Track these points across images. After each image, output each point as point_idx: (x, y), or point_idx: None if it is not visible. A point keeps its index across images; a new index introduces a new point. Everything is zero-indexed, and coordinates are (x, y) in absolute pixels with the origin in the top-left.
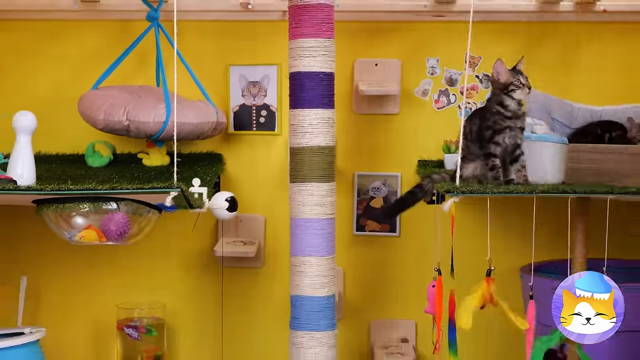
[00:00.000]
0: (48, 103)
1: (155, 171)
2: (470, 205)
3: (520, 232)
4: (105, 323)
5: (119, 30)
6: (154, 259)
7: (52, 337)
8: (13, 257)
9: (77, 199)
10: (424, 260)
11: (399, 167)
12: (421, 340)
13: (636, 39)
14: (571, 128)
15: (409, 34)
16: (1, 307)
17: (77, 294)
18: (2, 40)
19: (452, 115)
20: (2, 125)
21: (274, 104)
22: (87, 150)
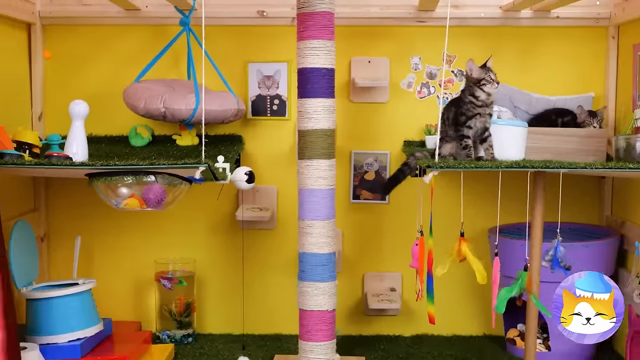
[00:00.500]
0: (98, 93)
1: (187, 150)
2: (447, 178)
3: (488, 201)
4: (145, 275)
5: (156, 34)
6: (185, 222)
7: (102, 287)
8: (69, 221)
9: (122, 172)
10: (409, 224)
11: (388, 146)
12: (406, 289)
13: (584, 40)
14: (530, 114)
15: (396, 36)
16: (59, 262)
17: (122, 251)
18: (63, 42)
19: (432, 104)
20: (60, 111)
21: (284, 94)
22: (130, 133)
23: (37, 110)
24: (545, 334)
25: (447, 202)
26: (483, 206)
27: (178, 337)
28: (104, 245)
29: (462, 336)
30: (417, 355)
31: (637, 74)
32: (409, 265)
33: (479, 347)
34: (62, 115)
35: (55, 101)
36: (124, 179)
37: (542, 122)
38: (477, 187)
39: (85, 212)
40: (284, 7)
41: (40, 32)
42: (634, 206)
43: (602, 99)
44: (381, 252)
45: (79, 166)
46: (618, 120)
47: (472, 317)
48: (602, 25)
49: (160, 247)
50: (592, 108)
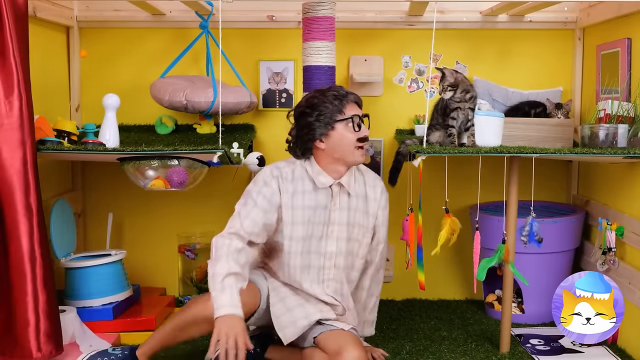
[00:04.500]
0: (128, 88)
1: (206, 137)
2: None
3: (470, 182)
4: (169, 247)
5: (178, 36)
6: (204, 200)
7: (131, 257)
8: (103, 199)
9: (149, 157)
10: (400, 202)
11: (382, 134)
12: (398, 260)
13: (553, 41)
14: (507, 106)
15: (389, 37)
16: (94, 236)
17: (149, 226)
18: (97, 43)
19: (420, 97)
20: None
21: (291, 89)
22: (156, 122)
23: (74, 102)
24: (520, 298)
25: (434, 182)
26: (465, 186)
27: None
28: (133, 220)
29: (446, 300)
30: (407, 317)
31: (600, 71)
32: (400, 238)
33: (462, 309)
34: (96, 107)
35: (91, 94)
36: (150, 162)
37: (517, 113)
38: (460, 170)
39: (116, 192)
40: (290, 12)
41: (77, 34)
42: (597, 186)
43: (570, 92)
44: None
45: (111, 152)
46: (583, 112)
47: (456, 284)
48: (570, 29)
49: (182, 222)
50: (561, 101)
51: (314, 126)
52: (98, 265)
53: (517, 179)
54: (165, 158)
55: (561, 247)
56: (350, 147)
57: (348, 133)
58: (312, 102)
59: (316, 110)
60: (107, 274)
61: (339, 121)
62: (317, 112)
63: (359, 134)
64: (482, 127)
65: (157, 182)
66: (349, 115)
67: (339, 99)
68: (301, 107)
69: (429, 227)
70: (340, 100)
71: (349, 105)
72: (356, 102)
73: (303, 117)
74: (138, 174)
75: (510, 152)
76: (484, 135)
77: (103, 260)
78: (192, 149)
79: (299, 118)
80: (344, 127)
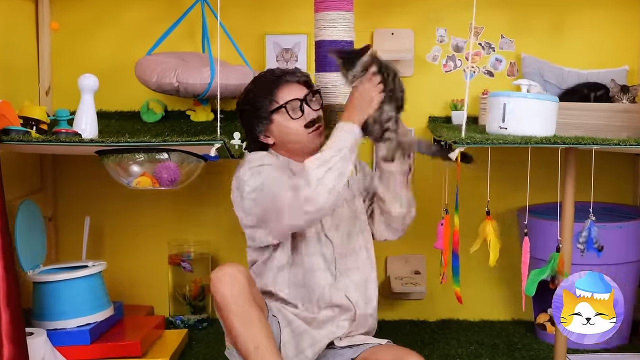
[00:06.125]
0: (109, 67)
1: (201, 126)
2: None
3: (517, 179)
4: (157, 257)
5: (169, 4)
6: (199, 202)
7: (112, 270)
8: (78, 200)
9: (133, 150)
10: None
11: (412, 123)
12: (431, 272)
13: (618, 10)
14: (561, 89)
15: (421, 6)
16: (68, 244)
17: (133, 232)
18: (71, 13)
19: (458, 78)
20: (69, 86)
21: (304, 68)
22: (142, 108)
23: (44, 84)
24: None
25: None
26: (511, 185)
27: (192, 322)
28: (115, 226)
29: (489, 321)
30: (443, 340)
31: None
32: (433, 246)
33: (507, 332)
34: (70, 89)
35: (64, 75)
36: (135, 156)
37: (573, 97)
38: (505, 165)
39: (94, 192)
40: None
41: (48, 3)
42: None
43: (638, 72)
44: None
45: (88, 143)
46: None
47: (500, 301)
48: None
49: (173, 227)
50: (627, 82)
51: (252, 123)
52: (72, 279)
53: (574, 176)
54: (153, 151)
55: (626, 257)
56: (300, 136)
57: (289, 123)
58: (246, 95)
59: (249, 105)
60: (83, 290)
61: (273, 112)
62: (250, 106)
63: (303, 119)
64: (532, 113)
65: (144, 180)
66: (282, 102)
67: (269, 86)
68: (239, 102)
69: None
70: (270, 87)
71: (284, 89)
72: (298, 81)
73: (241, 115)
74: (120, 170)
75: (565, 143)
76: (534, 123)
77: (78, 273)
78: (185, 140)
79: (240, 116)
80: (282, 118)
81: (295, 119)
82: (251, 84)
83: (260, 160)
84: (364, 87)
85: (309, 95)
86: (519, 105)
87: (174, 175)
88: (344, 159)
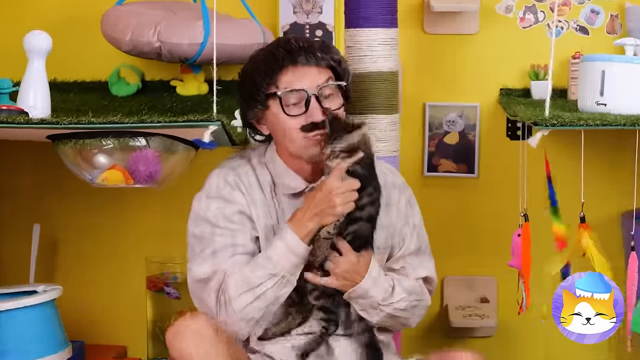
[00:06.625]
0: (65, 21)
1: (191, 101)
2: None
3: (622, 172)
4: (131, 279)
5: None
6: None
7: (70, 296)
8: (24, 202)
9: (99, 133)
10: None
11: (478, 97)
12: (504, 300)
13: None
14: None
15: None
16: (10, 261)
17: (100, 245)
18: None
19: (540, 36)
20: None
21: (330, 23)
22: (111, 77)
23: None
24: None
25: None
26: (613, 182)
27: None
28: (74, 237)
29: None
30: None
31: None
32: (508, 264)
33: None
34: (13, 52)
35: (4, 34)
36: (102, 142)
37: None
38: (605, 155)
39: (46, 191)
40: None
41: None
42: None
43: None
44: (468, 246)
45: (37, 125)
46: None
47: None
48: None
49: (153, 239)
50: None
51: (245, 102)
52: (15, 309)
53: None
54: (126, 135)
55: None
56: (293, 138)
57: (283, 118)
58: (249, 64)
59: (246, 80)
60: (31, 323)
61: (269, 97)
62: (246, 81)
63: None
64: (634, 83)
65: (113, 175)
66: (282, 89)
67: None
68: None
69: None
70: (272, 65)
71: (290, 71)
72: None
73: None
74: (81, 162)
75: None
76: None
77: (24, 301)
78: (170, 121)
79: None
80: (277, 109)
81: (292, 115)
82: (258, 53)
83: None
84: (333, 184)
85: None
86: (622, 73)
87: (154, 168)
88: (280, 285)
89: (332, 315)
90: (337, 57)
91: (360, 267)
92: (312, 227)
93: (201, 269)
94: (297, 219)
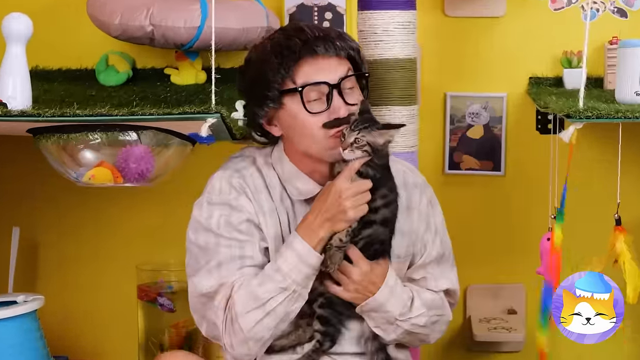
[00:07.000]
0: (47, 3)
1: (187, 91)
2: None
3: None
4: (121, 289)
5: None
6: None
7: (52, 307)
8: (2, 203)
9: (85, 127)
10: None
11: (505, 86)
12: (533, 311)
13: None
14: None
15: None
16: None
17: (85, 250)
18: None
19: (573, 19)
20: None
21: (341, 4)
22: (98, 65)
23: None
24: None
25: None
26: None
27: None
28: (57, 241)
29: None
30: None
31: None
32: (536, 271)
33: None
34: None
35: None
36: (88, 137)
37: None
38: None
39: (26, 191)
40: None
41: None
42: None
43: None
44: (493, 251)
45: (17, 117)
46: None
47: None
48: None
49: (145, 245)
50: None
51: (254, 100)
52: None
53: None
54: (115, 129)
55: None
56: (315, 138)
57: (304, 116)
58: (255, 54)
59: (254, 75)
60: (10, 337)
61: (285, 93)
62: (254, 77)
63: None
64: None
65: (101, 173)
66: (300, 84)
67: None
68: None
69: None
70: (288, 57)
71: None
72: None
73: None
74: (66, 158)
75: None
76: None
77: (3, 313)
78: (164, 113)
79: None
80: (296, 106)
81: (314, 113)
82: (265, 43)
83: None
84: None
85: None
86: None
87: (146, 165)
88: (292, 300)
89: (330, 328)
90: (355, 45)
91: (375, 276)
92: (324, 235)
93: (206, 283)
94: (307, 224)
